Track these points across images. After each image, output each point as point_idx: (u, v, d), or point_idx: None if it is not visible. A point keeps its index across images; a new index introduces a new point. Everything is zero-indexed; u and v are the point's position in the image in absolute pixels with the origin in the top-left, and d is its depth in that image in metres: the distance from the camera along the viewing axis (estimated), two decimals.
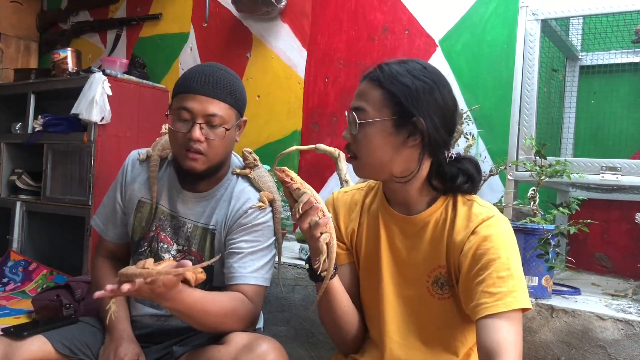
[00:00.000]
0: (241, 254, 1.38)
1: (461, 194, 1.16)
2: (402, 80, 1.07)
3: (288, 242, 2.27)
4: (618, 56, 1.89)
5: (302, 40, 2.66)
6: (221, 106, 1.34)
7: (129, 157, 1.53)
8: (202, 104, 1.32)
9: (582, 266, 1.98)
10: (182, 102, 1.33)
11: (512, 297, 1.01)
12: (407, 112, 1.06)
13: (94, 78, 2.60)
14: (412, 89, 1.07)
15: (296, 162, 2.61)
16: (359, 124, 1.09)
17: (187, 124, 1.33)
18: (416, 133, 1.07)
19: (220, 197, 1.45)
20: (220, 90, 1.34)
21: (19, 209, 2.98)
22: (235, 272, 1.37)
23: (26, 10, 3.67)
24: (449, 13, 2.27)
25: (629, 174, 1.50)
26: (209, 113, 1.32)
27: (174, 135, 1.36)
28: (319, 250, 1.11)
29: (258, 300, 1.38)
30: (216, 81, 1.34)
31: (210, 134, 1.34)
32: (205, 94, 1.33)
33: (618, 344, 1.30)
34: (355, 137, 1.11)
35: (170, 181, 1.48)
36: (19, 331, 1.32)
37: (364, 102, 1.10)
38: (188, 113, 1.32)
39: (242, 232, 1.40)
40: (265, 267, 1.41)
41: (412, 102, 1.06)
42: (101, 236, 1.55)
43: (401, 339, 1.17)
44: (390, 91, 1.08)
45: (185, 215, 1.45)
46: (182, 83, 1.37)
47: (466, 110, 2.01)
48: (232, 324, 1.29)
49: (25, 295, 2.62)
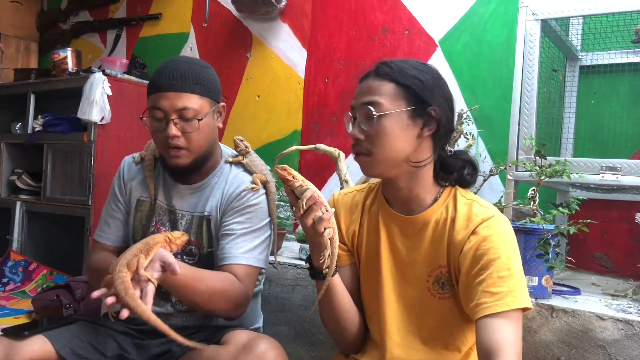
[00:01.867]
0: (233, 235, 1.41)
1: (463, 188, 1.18)
2: (411, 73, 1.11)
3: (288, 242, 2.27)
4: (618, 56, 1.89)
5: (302, 40, 2.66)
6: (191, 98, 1.37)
7: (124, 161, 1.58)
8: (171, 100, 1.35)
9: (582, 266, 1.98)
10: (153, 102, 1.38)
11: (512, 297, 1.02)
12: (423, 101, 1.10)
13: (94, 78, 2.60)
14: (423, 80, 1.11)
15: (296, 162, 2.61)
16: (376, 117, 1.09)
17: (162, 122, 1.37)
18: (431, 122, 1.11)
19: (214, 185, 1.48)
20: (187, 82, 1.37)
21: (19, 209, 2.98)
22: (227, 253, 1.40)
23: (26, 10, 3.67)
24: (449, 13, 2.27)
25: (629, 174, 1.50)
26: (179, 107, 1.35)
27: (155, 136, 1.42)
28: (322, 246, 1.11)
29: (249, 281, 1.40)
30: (181, 75, 1.37)
31: (186, 128, 1.37)
32: (172, 89, 1.36)
33: (618, 344, 1.30)
34: (369, 132, 1.11)
35: (164, 178, 1.52)
36: (20, 331, 1.32)
37: (376, 96, 1.10)
38: (160, 112, 1.37)
39: (235, 214, 1.43)
40: (258, 248, 1.43)
41: (425, 93, 1.10)
42: (97, 241, 1.55)
43: (401, 339, 1.17)
44: (402, 83, 1.10)
45: (182, 208, 1.48)
46: (151, 82, 1.41)
47: (466, 110, 2.01)
48: (221, 304, 1.32)
49: (25, 295, 2.62)
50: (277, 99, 2.72)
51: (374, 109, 1.09)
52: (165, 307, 1.46)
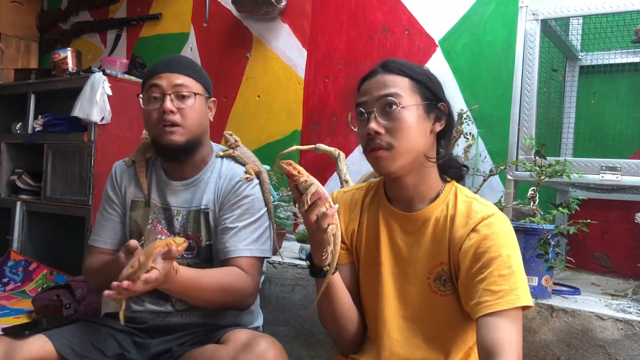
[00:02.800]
0: (235, 228, 1.43)
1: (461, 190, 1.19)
2: (419, 70, 1.15)
3: (288, 242, 2.27)
4: (618, 56, 1.89)
5: (302, 40, 2.66)
6: (186, 79, 1.45)
7: (115, 166, 1.59)
8: (168, 79, 1.43)
9: (582, 266, 1.98)
10: (150, 84, 1.43)
11: (513, 295, 1.02)
12: (435, 97, 1.14)
13: (94, 78, 2.60)
14: (431, 77, 1.15)
15: (296, 162, 2.60)
16: (399, 109, 1.09)
17: (158, 101, 1.42)
18: (442, 117, 1.14)
19: (207, 179, 1.50)
20: (183, 66, 1.46)
21: (19, 209, 2.98)
22: (230, 247, 1.42)
23: (26, 10, 3.67)
24: (449, 13, 2.27)
25: (629, 174, 1.50)
26: (176, 83, 1.43)
27: (149, 116, 1.44)
28: (325, 242, 1.10)
29: (255, 272, 1.43)
30: (178, 60, 1.48)
31: (181, 104, 1.42)
32: (169, 71, 1.45)
33: (618, 344, 1.30)
34: (388, 126, 1.11)
35: (157, 176, 1.54)
36: (20, 330, 1.32)
37: (396, 89, 1.11)
38: (157, 89, 1.42)
39: (233, 206, 1.45)
40: (260, 238, 1.46)
41: (436, 88, 1.14)
42: (93, 246, 1.55)
43: (401, 337, 1.17)
44: (416, 79, 1.13)
45: (176, 204, 1.50)
46: (146, 73, 1.49)
47: (466, 110, 2.01)
48: (230, 298, 1.35)
49: (25, 295, 2.62)
50: (277, 99, 2.72)
51: (397, 100, 1.10)
52: (165, 307, 1.47)
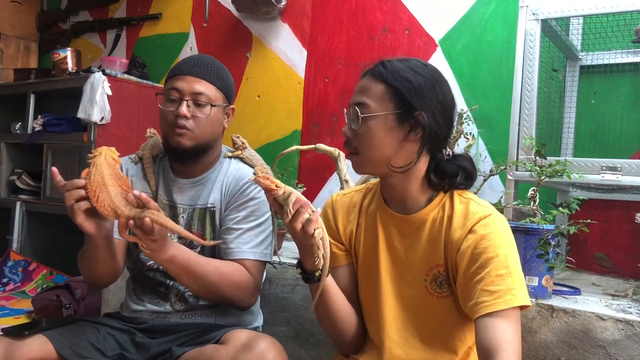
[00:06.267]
0: (240, 230, 1.43)
1: (458, 191, 1.16)
2: (405, 75, 1.10)
3: (288, 242, 2.27)
4: (618, 56, 1.89)
5: (302, 40, 2.66)
6: (208, 87, 1.44)
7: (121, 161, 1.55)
8: (190, 84, 1.42)
9: (582, 266, 1.98)
10: (171, 84, 1.43)
11: (511, 295, 1.02)
12: (410, 106, 1.08)
13: (94, 78, 2.60)
14: (415, 83, 1.09)
15: (296, 162, 2.61)
16: (361, 118, 1.10)
17: (176, 103, 1.42)
18: (417, 127, 1.09)
19: (214, 179, 1.50)
20: (208, 72, 1.45)
21: (19, 209, 2.98)
22: (235, 248, 1.42)
23: (26, 10, 3.67)
24: (449, 13, 2.27)
25: (629, 174, 1.50)
26: (196, 91, 1.41)
27: (164, 115, 1.44)
28: (314, 247, 1.11)
29: (257, 274, 1.43)
30: (204, 64, 1.45)
31: (196, 112, 1.42)
32: (192, 74, 1.43)
33: (618, 344, 1.29)
34: (357, 132, 1.12)
35: (164, 173, 1.54)
36: (20, 331, 1.32)
37: (365, 97, 1.11)
38: (177, 92, 1.42)
39: (239, 208, 1.46)
40: (264, 242, 1.46)
41: (414, 97, 1.08)
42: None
43: (400, 338, 1.17)
44: (393, 86, 1.09)
45: (182, 202, 1.50)
46: (172, 68, 1.47)
47: (466, 110, 2.01)
48: (229, 289, 1.35)
49: (25, 295, 2.62)
50: (277, 99, 2.72)
51: (360, 110, 1.10)
52: (164, 307, 1.46)
